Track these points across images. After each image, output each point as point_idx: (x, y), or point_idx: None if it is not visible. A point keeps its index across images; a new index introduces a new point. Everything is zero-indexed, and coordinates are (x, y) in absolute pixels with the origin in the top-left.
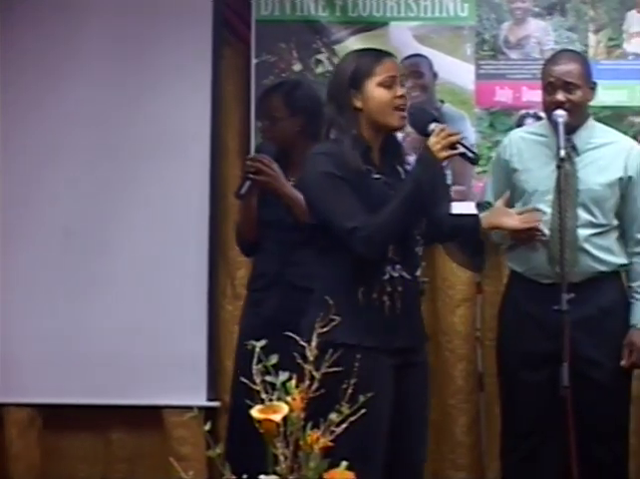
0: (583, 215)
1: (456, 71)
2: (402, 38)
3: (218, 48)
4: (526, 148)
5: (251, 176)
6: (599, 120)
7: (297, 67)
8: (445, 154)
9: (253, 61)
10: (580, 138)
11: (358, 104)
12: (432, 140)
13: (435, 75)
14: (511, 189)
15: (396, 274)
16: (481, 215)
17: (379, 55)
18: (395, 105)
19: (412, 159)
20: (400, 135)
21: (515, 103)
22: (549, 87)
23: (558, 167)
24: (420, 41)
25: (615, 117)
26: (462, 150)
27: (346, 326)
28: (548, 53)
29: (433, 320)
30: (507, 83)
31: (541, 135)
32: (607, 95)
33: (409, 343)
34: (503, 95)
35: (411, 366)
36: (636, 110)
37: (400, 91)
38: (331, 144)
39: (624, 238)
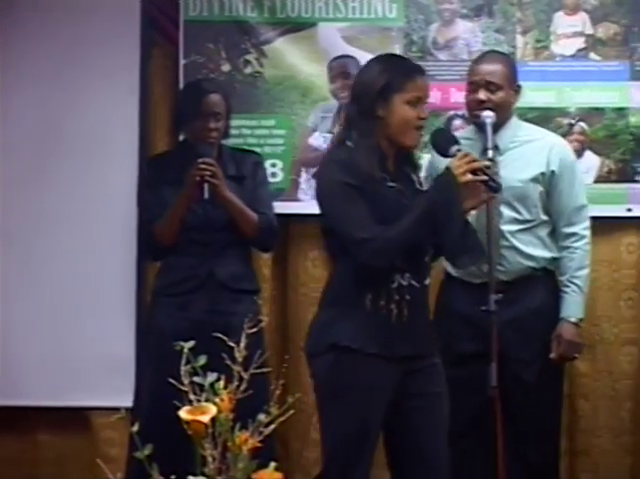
0: (507, 212)
1: None
2: (330, 39)
3: (147, 48)
4: None
5: (209, 179)
6: (527, 121)
7: (226, 67)
8: (466, 178)
9: (182, 61)
10: (503, 137)
11: (381, 113)
12: (455, 163)
13: None
14: None
15: (405, 283)
16: None
17: (412, 70)
18: (416, 125)
19: None
20: (328, 135)
21: (444, 104)
22: (472, 86)
23: (486, 167)
24: (348, 42)
25: (543, 118)
26: (484, 177)
27: (350, 331)
28: (476, 54)
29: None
30: (436, 84)
31: (468, 138)
32: (535, 96)
33: (415, 351)
34: (432, 96)
35: (417, 371)
36: (563, 111)
37: (423, 112)
38: (347, 150)
39: (554, 233)
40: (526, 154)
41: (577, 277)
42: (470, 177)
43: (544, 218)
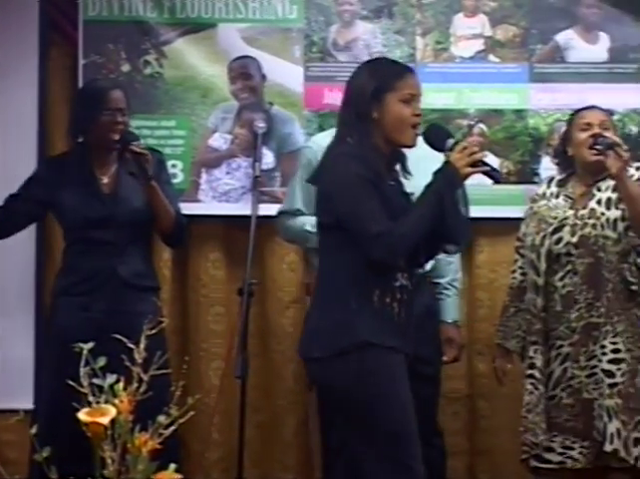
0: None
1: (284, 73)
2: (230, 40)
3: (45, 48)
4: None
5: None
6: (427, 122)
7: (125, 68)
8: (469, 170)
9: (81, 61)
10: None
11: (375, 115)
12: (455, 156)
13: (263, 77)
14: None
15: (404, 283)
16: None
17: (402, 70)
18: (411, 122)
19: (243, 161)
20: (229, 136)
21: None
22: None
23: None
24: (248, 43)
25: (442, 119)
26: (486, 168)
27: (365, 326)
28: (376, 56)
29: (262, 322)
30: (336, 85)
31: None
32: (435, 98)
33: (415, 351)
34: (332, 97)
35: (420, 378)
36: (463, 112)
37: (417, 109)
38: (353, 147)
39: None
40: (421, 160)
41: (456, 281)
42: (471, 169)
43: None
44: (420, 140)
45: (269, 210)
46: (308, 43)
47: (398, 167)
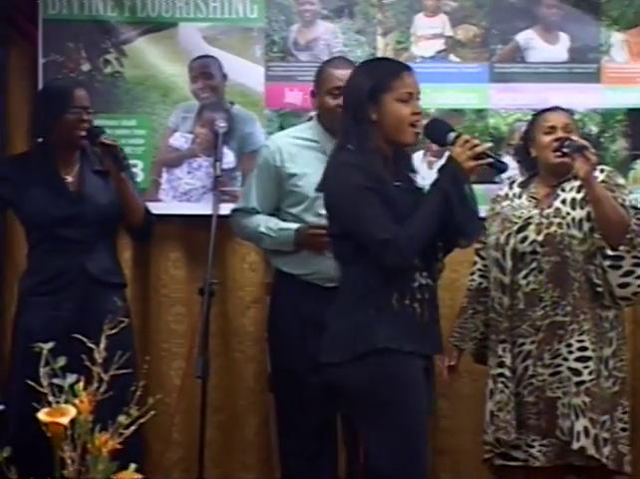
0: None
1: (245, 72)
2: (191, 39)
3: (4, 47)
4: (299, 153)
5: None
6: None
7: (85, 67)
8: (472, 164)
9: (41, 60)
10: None
11: (374, 116)
12: (457, 150)
13: (224, 76)
14: (285, 194)
15: (424, 282)
16: None
17: (398, 69)
18: (410, 121)
19: (203, 161)
20: (190, 135)
21: (305, 105)
22: (336, 91)
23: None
24: (209, 42)
25: None
26: (490, 160)
27: (383, 331)
28: (336, 55)
29: (223, 322)
30: (297, 85)
31: (312, 140)
32: None
33: (434, 350)
34: (293, 97)
35: (429, 374)
36: (424, 112)
37: (416, 107)
38: (353, 154)
39: None
40: None
41: None
42: (475, 162)
43: None
44: None
45: (230, 209)
46: (269, 42)
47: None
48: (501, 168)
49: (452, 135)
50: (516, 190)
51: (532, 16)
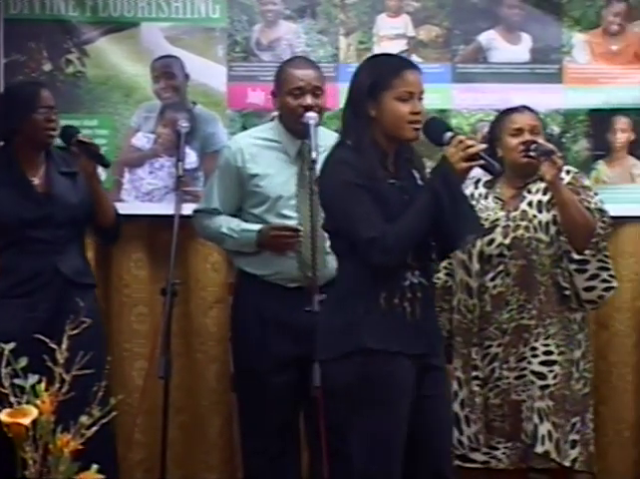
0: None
1: (208, 72)
2: (153, 39)
3: None
4: (260, 153)
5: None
6: None
7: (47, 67)
8: (464, 165)
9: (2, 60)
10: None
11: (373, 113)
12: (450, 150)
13: (187, 76)
14: (247, 195)
15: (415, 281)
16: None
17: (400, 66)
18: (409, 120)
19: (166, 161)
20: (152, 135)
21: (267, 105)
22: (298, 91)
23: (310, 169)
24: (171, 42)
25: None
26: (481, 162)
27: (370, 331)
28: (299, 55)
29: (185, 322)
30: (259, 85)
31: (274, 140)
32: None
33: (427, 349)
34: (255, 97)
35: (430, 370)
36: None
37: (416, 107)
38: (349, 150)
39: None
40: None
41: None
42: (468, 164)
43: None
44: (327, 134)
45: (192, 209)
46: (231, 42)
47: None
48: (493, 170)
49: (448, 134)
50: (482, 190)
51: (494, 16)
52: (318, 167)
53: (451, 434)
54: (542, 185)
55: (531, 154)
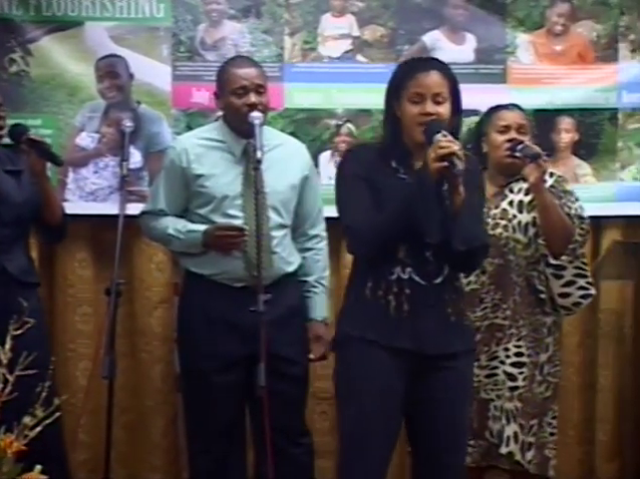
0: (274, 217)
1: (152, 72)
2: (97, 38)
3: None
4: (205, 154)
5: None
6: (294, 122)
7: None
8: (436, 165)
9: None
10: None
11: (398, 113)
12: (429, 150)
13: (131, 76)
14: (192, 195)
15: (405, 277)
16: None
17: (415, 68)
18: (418, 121)
19: (110, 160)
20: (96, 135)
21: (212, 104)
22: (241, 90)
23: (255, 168)
24: (116, 41)
25: (310, 119)
26: (444, 163)
27: (352, 318)
28: (244, 54)
29: (130, 322)
30: (204, 84)
31: (219, 140)
32: (302, 97)
33: (417, 348)
34: (200, 96)
35: (429, 374)
36: (331, 112)
37: (427, 108)
38: (373, 143)
39: (294, 234)
40: (282, 159)
41: (324, 278)
42: (437, 165)
43: (290, 222)
44: (283, 140)
45: (137, 209)
46: (176, 42)
47: None
48: (455, 172)
49: (437, 136)
50: None
51: (439, 17)
52: (264, 166)
53: (457, 441)
54: (525, 185)
55: (517, 154)
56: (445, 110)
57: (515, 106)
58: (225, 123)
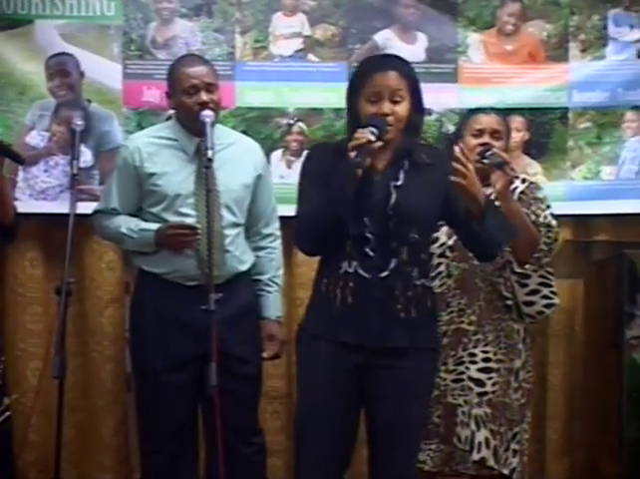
0: (227, 216)
1: (103, 70)
2: (48, 36)
3: None
4: (158, 152)
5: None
6: (246, 121)
7: None
8: (351, 155)
9: None
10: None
11: (358, 110)
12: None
13: (82, 74)
14: (145, 194)
15: (350, 270)
16: None
17: (372, 67)
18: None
19: (60, 159)
20: (46, 134)
21: (163, 103)
22: (192, 89)
23: (206, 167)
24: (66, 40)
25: (262, 118)
26: (352, 154)
27: (308, 313)
28: (194, 53)
29: (81, 321)
30: (155, 83)
31: (171, 139)
32: (253, 96)
33: (359, 341)
34: (151, 95)
35: (378, 370)
36: (282, 111)
37: (384, 108)
38: (335, 141)
39: (248, 233)
40: (234, 157)
41: (278, 277)
42: (352, 154)
43: (244, 221)
44: (237, 139)
45: (88, 208)
46: (127, 40)
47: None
48: (355, 162)
49: (361, 129)
50: None
51: (390, 16)
52: (216, 165)
53: (402, 439)
54: (491, 190)
55: (484, 161)
56: (402, 109)
57: (493, 109)
58: (178, 121)
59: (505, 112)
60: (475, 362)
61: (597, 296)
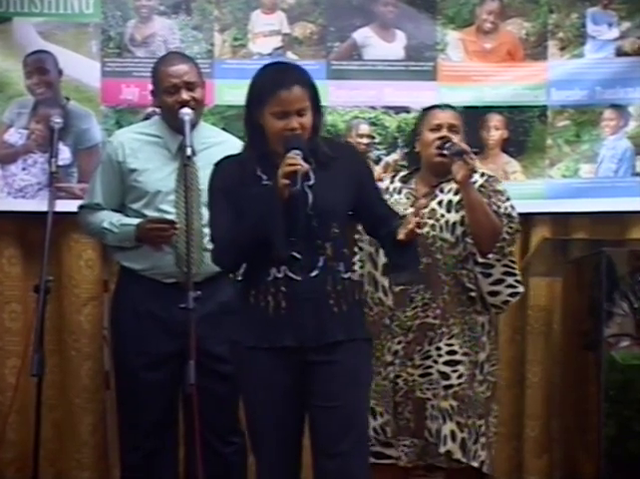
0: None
1: (81, 68)
2: (26, 34)
3: None
4: (141, 148)
5: None
6: (225, 119)
7: None
8: (282, 181)
9: None
10: (194, 138)
11: (262, 121)
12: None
13: (60, 72)
14: (127, 190)
15: (280, 275)
16: None
17: (278, 84)
18: (284, 136)
19: (39, 157)
20: (25, 131)
21: (141, 101)
22: (172, 89)
23: (185, 165)
24: (44, 37)
25: (241, 116)
26: (286, 181)
27: (237, 325)
28: (174, 50)
29: (59, 319)
30: (134, 81)
31: (155, 136)
32: (232, 94)
33: (299, 342)
34: (130, 93)
35: (315, 365)
36: None
37: (292, 123)
38: (237, 154)
39: None
40: (219, 157)
41: None
42: (283, 181)
43: None
44: (224, 138)
45: (66, 206)
46: (105, 38)
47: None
48: (296, 194)
49: (290, 153)
50: (397, 184)
51: (369, 14)
52: (200, 163)
53: (343, 431)
54: (455, 185)
55: (444, 152)
56: (308, 119)
57: (449, 106)
58: (163, 119)
59: (484, 110)
60: (441, 356)
61: (575, 294)
